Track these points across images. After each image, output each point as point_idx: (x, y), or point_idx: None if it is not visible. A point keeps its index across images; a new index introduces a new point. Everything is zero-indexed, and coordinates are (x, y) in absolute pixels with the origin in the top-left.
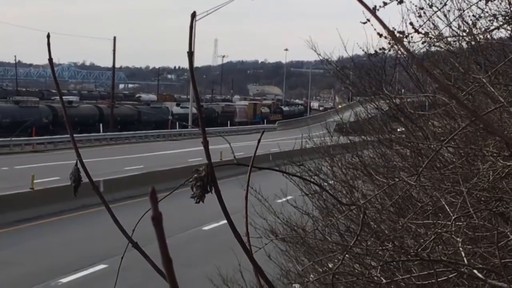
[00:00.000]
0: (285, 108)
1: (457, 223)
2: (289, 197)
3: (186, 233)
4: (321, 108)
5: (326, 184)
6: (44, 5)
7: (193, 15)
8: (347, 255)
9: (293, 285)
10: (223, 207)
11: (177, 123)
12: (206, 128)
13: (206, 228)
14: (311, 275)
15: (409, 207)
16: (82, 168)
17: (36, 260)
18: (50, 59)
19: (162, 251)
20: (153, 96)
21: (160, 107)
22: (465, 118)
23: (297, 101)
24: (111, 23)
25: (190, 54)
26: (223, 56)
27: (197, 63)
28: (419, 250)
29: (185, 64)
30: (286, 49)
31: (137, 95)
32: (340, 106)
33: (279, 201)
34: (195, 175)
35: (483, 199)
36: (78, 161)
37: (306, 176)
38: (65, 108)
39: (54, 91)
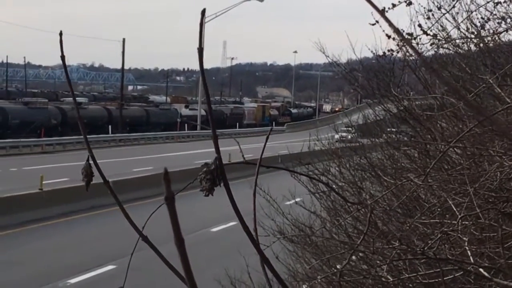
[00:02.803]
0: (294, 111)
1: (463, 223)
2: (297, 199)
3: (194, 235)
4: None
5: (334, 185)
6: (53, 6)
7: (203, 12)
8: (354, 255)
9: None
10: (231, 198)
11: (186, 125)
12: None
13: (214, 230)
14: (319, 276)
15: (416, 208)
16: (94, 164)
17: (44, 260)
18: (63, 56)
19: (175, 231)
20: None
21: (168, 109)
22: (473, 119)
23: (312, 103)
24: (120, 24)
25: (201, 50)
26: (232, 58)
27: (206, 65)
28: (426, 249)
29: (194, 66)
30: (295, 52)
31: (150, 98)
32: (338, 109)
33: (288, 203)
34: (205, 169)
35: (490, 199)
36: (89, 156)
37: (314, 176)
38: (77, 106)
39: (66, 92)
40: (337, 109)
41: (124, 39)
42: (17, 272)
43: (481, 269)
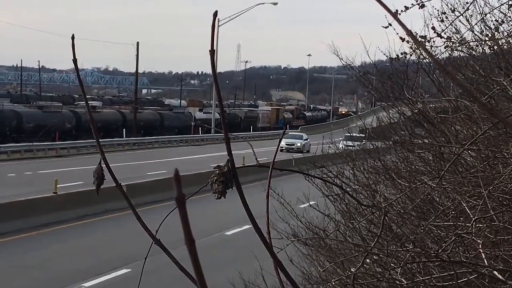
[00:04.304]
0: (308, 114)
1: (477, 225)
2: (311, 202)
3: (209, 238)
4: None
5: (347, 188)
6: (67, 10)
7: (215, 14)
8: (368, 258)
9: None
10: (243, 200)
11: (200, 128)
12: (228, 133)
13: (229, 233)
14: (333, 279)
15: (430, 211)
16: (106, 167)
17: (59, 264)
18: (75, 60)
19: (185, 232)
20: (183, 102)
21: (183, 112)
22: (487, 122)
23: (326, 106)
24: (135, 28)
25: (212, 52)
26: (246, 62)
27: (220, 68)
28: (440, 251)
29: (208, 69)
30: (309, 55)
31: (166, 102)
32: (344, 112)
33: (302, 206)
34: (217, 171)
35: (505, 202)
36: (102, 159)
37: (328, 179)
38: (90, 109)
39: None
40: (343, 112)
41: (138, 43)
42: (31, 276)
43: (495, 272)
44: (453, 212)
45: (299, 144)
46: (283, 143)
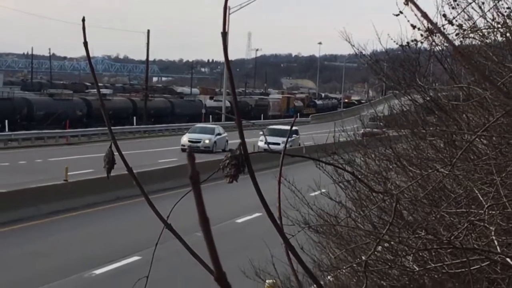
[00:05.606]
0: (319, 102)
1: (490, 212)
2: (322, 190)
3: (220, 226)
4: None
5: (359, 175)
6: None
7: None
8: (379, 245)
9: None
10: (255, 183)
11: (210, 116)
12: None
13: (239, 221)
14: (344, 266)
15: (442, 198)
16: (118, 153)
17: (70, 251)
18: (85, 43)
19: (199, 211)
20: (196, 90)
21: (193, 100)
22: (499, 109)
23: (336, 95)
24: (145, 16)
25: (224, 34)
26: (257, 50)
27: (231, 56)
28: (452, 239)
29: (219, 57)
30: (320, 43)
31: (179, 90)
32: (348, 100)
33: (312, 194)
34: (229, 155)
35: None
36: (112, 144)
37: (339, 165)
38: (101, 97)
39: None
40: (347, 101)
41: (148, 31)
42: (43, 263)
43: (508, 259)
44: (465, 200)
45: (207, 141)
46: (185, 138)
